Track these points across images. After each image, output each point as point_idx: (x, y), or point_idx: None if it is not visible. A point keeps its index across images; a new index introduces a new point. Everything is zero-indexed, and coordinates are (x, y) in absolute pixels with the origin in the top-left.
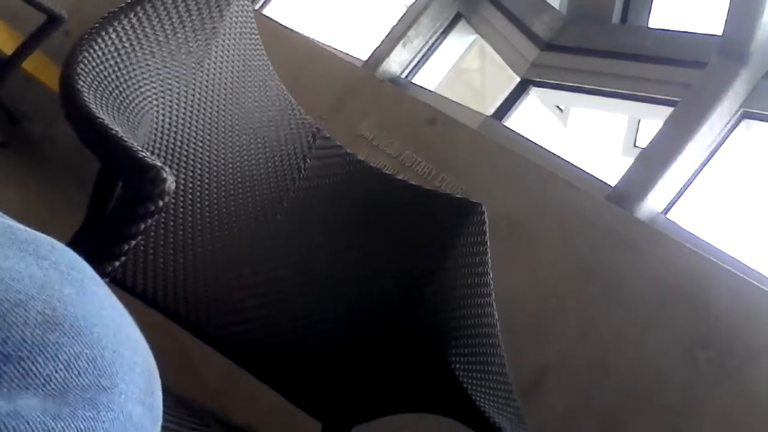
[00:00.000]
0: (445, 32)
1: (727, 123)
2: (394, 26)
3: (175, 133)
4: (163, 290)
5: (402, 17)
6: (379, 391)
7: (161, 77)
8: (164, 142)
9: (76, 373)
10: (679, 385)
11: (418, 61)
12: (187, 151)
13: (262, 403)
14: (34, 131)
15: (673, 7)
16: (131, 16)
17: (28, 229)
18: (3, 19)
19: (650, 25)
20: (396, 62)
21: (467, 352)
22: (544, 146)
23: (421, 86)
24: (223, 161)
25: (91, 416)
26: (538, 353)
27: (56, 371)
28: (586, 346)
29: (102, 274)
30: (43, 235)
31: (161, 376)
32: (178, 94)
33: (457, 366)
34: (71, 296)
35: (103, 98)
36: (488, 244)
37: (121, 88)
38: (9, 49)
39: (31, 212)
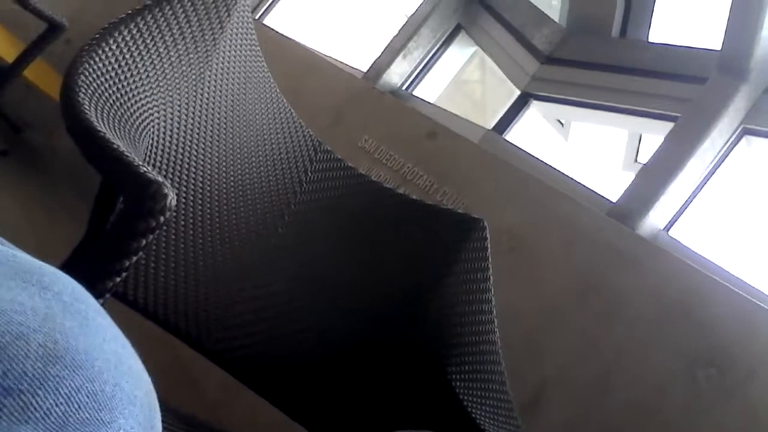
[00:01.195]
0: (446, 44)
1: (728, 139)
2: (395, 37)
3: (176, 145)
4: (163, 304)
5: (402, 28)
6: (378, 406)
7: (162, 89)
8: (165, 155)
9: (76, 407)
10: (680, 402)
11: (419, 73)
12: (188, 164)
13: (261, 418)
14: (35, 140)
15: (673, 22)
16: (132, 26)
17: (31, 258)
18: (4, 27)
19: (650, 39)
20: (396, 74)
21: (467, 368)
22: (545, 161)
23: (421, 99)
24: (224, 174)
25: None
26: (538, 369)
27: (56, 405)
28: (587, 362)
29: (103, 289)
30: (47, 265)
31: (160, 389)
32: (179, 106)
33: (457, 383)
34: (73, 329)
35: (104, 110)
36: (490, 260)
37: (122, 101)
38: (10, 57)
39: (32, 221)
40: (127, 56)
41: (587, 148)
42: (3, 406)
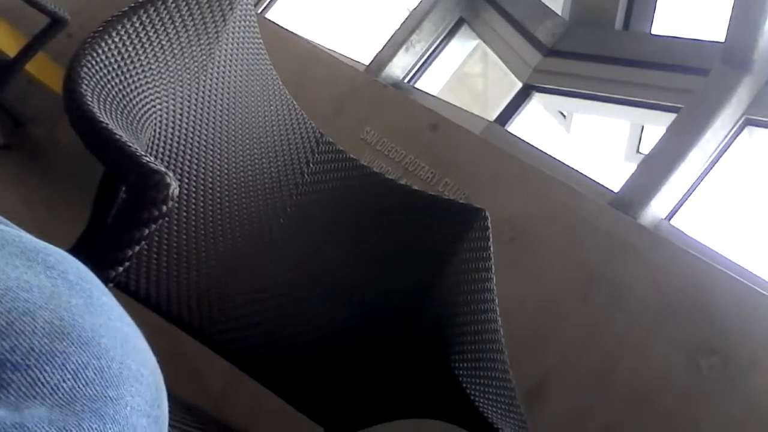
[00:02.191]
0: (448, 37)
1: (731, 130)
2: (397, 30)
3: (179, 137)
4: (166, 294)
5: (404, 22)
6: (381, 396)
7: (164, 81)
8: (168, 147)
9: (84, 383)
10: (683, 391)
11: (421, 66)
12: (190, 155)
13: (265, 408)
14: (37, 133)
15: (676, 14)
16: (134, 19)
17: (36, 239)
18: (6, 21)
19: (653, 32)
20: (398, 67)
21: (470, 357)
22: (546, 152)
23: (423, 91)
24: (226, 166)
25: (97, 427)
26: (540, 359)
27: (64, 380)
28: (589, 352)
29: (106, 279)
30: (52, 246)
31: (164, 380)
32: (182, 98)
33: (460, 372)
34: (79, 306)
35: (107, 102)
36: (491, 249)
37: (124, 92)
38: (12, 52)
39: (33, 214)
40: (130, 48)
41: (589, 139)
42: (11, 382)
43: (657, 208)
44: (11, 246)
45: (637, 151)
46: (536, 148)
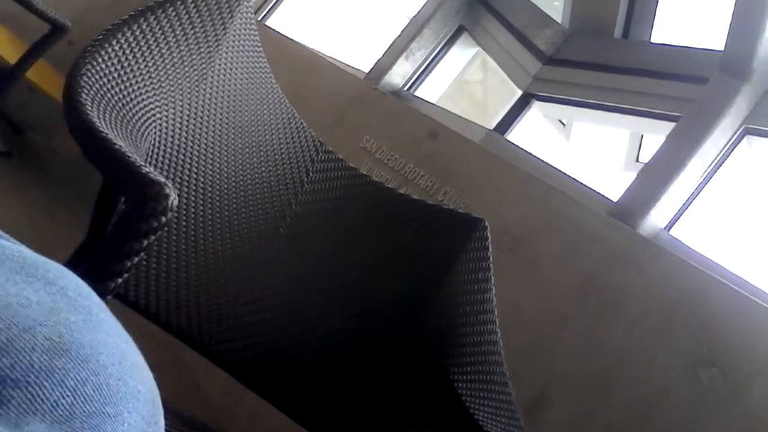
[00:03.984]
0: (448, 45)
1: (730, 139)
2: (397, 38)
3: (178, 146)
4: (165, 305)
5: (404, 29)
6: (380, 408)
7: (164, 90)
8: (167, 156)
9: (83, 399)
10: (683, 402)
11: (421, 74)
12: (189, 164)
13: (264, 420)
14: (37, 141)
15: (675, 23)
16: (135, 28)
17: (36, 254)
18: (7, 28)
19: (652, 40)
20: (398, 74)
21: (469, 369)
22: (546, 160)
23: (423, 99)
24: (225, 175)
25: None
26: (539, 370)
27: (63, 397)
28: (588, 363)
29: (105, 290)
30: (52, 261)
31: (163, 391)
32: (181, 107)
33: (460, 384)
34: (78, 323)
35: (107, 111)
36: (491, 259)
37: (124, 101)
38: (12, 59)
39: (33, 222)
40: (130, 57)
41: (588, 148)
42: (11, 398)
43: (656, 218)
44: (11, 261)
45: (637, 160)
46: (536, 157)
